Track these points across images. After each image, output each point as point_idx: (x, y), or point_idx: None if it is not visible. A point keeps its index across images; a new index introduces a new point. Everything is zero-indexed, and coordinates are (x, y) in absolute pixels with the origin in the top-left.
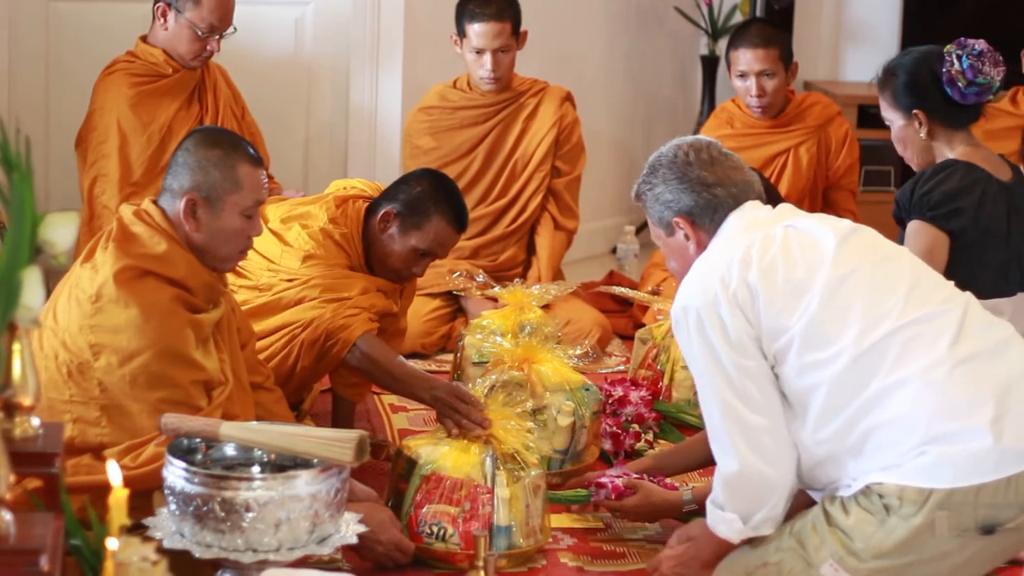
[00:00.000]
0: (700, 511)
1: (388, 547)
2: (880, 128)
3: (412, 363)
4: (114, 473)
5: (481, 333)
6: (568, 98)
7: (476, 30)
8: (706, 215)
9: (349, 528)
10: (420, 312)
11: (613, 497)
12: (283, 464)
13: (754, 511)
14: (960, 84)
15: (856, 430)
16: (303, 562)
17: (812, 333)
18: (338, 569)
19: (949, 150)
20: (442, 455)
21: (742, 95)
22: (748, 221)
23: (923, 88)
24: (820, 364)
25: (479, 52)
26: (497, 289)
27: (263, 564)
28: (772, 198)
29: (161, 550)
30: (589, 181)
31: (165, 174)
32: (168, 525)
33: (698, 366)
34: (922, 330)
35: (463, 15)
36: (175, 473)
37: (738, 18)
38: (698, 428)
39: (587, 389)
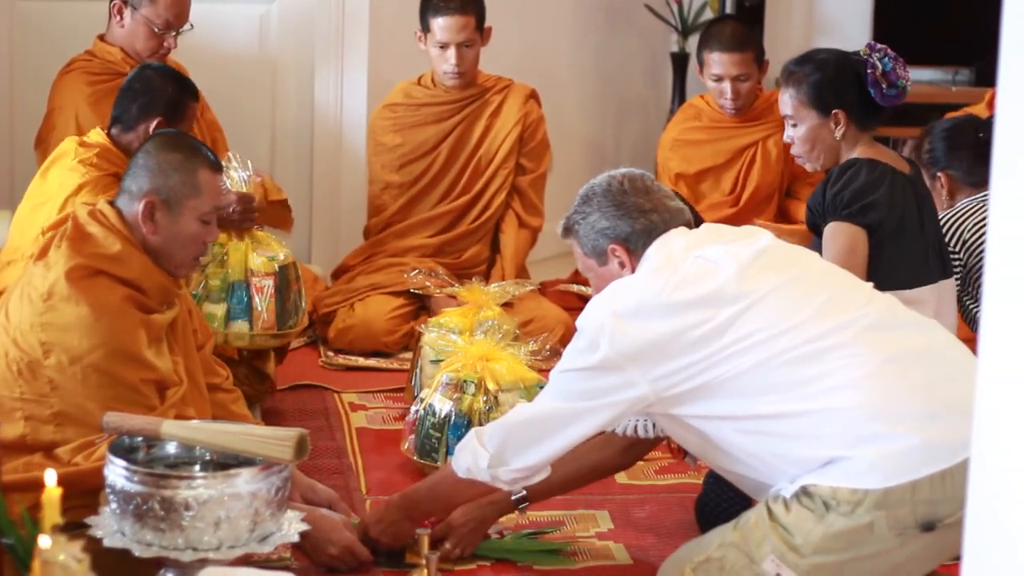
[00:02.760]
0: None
1: (341, 550)
2: None
3: (375, 361)
4: (48, 476)
5: (438, 331)
6: (533, 95)
7: (440, 24)
8: (640, 241)
9: (291, 527)
10: (382, 310)
11: None
12: (226, 463)
13: (508, 460)
14: (883, 86)
15: (783, 440)
16: (247, 560)
17: (725, 361)
18: (285, 568)
19: (851, 151)
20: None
21: (715, 96)
22: (663, 256)
23: (846, 88)
24: (741, 387)
25: (443, 47)
26: (456, 287)
27: (203, 563)
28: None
29: (102, 549)
30: (559, 178)
31: (124, 175)
32: (109, 524)
33: (573, 352)
34: (841, 338)
35: (427, 10)
36: (116, 472)
37: (708, 15)
38: None
39: (542, 387)
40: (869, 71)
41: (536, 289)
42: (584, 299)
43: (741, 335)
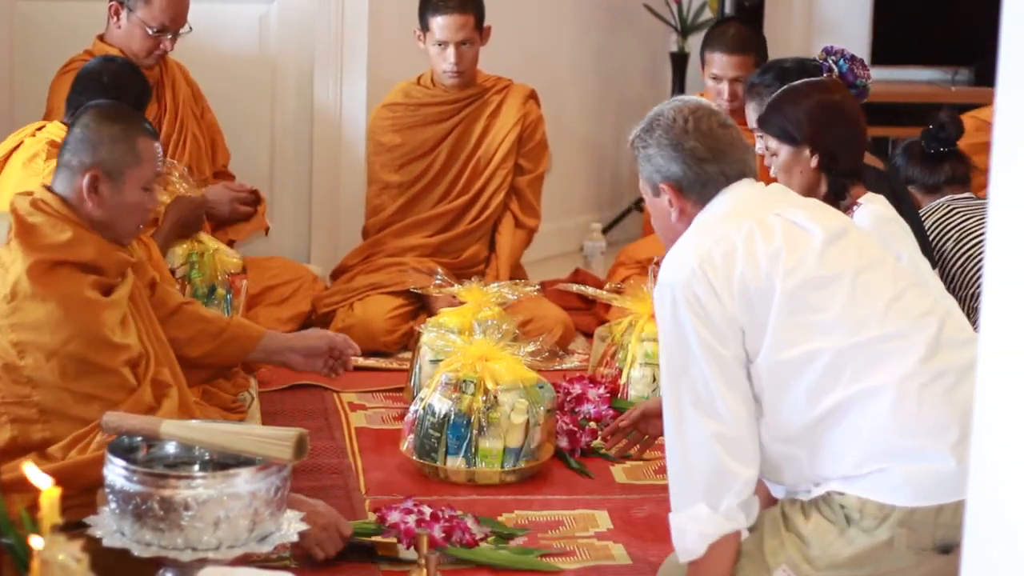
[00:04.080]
0: None
1: (329, 518)
2: None
3: (374, 361)
4: (36, 476)
5: (437, 331)
6: (532, 96)
7: (439, 23)
8: (694, 188)
9: (290, 527)
10: (382, 311)
11: (405, 543)
12: (225, 462)
13: (720, 497)
14: None
15: (817, 435)
16: (246, 560)
17: (786, 333)
18: (284, 567)
19: None
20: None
21: (712, 95)
22: (738, 202)
23: None
24: (790, 365)
25: (442, 45)
26: (456, 287)
27: (202, 562)
28: None
29: (101, 549)
30: (559, 178)
31: (60, 151)
32: (109, 523)
33: (667, 344)
34: (898, 345)
35: (426, 8)
36: (115, 471)
37: (707, 15)
38: None
39: (541, 387)
40: (825, 75)
41: (536, 289)
42: (584, 299)
43: (814, 305)
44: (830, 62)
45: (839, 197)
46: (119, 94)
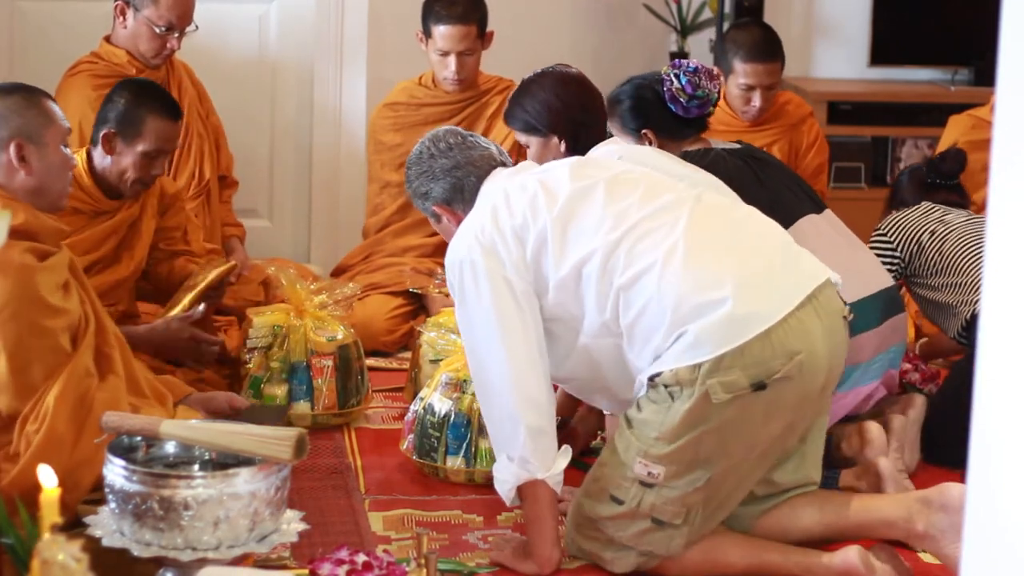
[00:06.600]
0: None
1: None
2: (851, 125)
3: (373, 361)
4: (46, 475)
5: (437, 331)
6: None
7: (441, 32)
8: (457, 197)
9: (290, 526)
10: (381, 310)
11: None
12: (225, 462)
13: (510, 447)
14: (682, 100)
15: (621, 324)
16: (243, 560)
17: (564, 248)
18: (284, 567)
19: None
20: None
21: (740, 103)
22: (499, 180)
23: (648, 109)
24: (571, 274)
25: (443, 54)
26: None
27: (202, 562)
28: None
29: (101, 548)
30: None
31: None
32: (108, 523)
33: (459, 312)
34: (660, 219)
35: (429, 15)
36: (115, 471)
37: (707, 15)
38: None
39: None
40: (665, 89)
41: None
42: None
43: (578, 215)
44: (671, 75)
45: None
46: (104, 109)
